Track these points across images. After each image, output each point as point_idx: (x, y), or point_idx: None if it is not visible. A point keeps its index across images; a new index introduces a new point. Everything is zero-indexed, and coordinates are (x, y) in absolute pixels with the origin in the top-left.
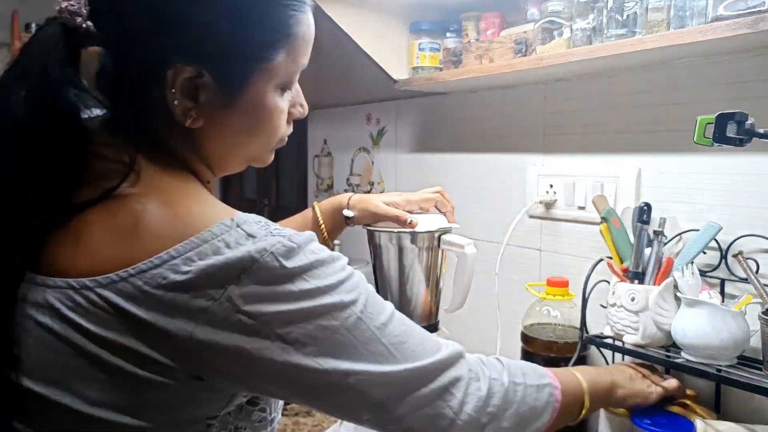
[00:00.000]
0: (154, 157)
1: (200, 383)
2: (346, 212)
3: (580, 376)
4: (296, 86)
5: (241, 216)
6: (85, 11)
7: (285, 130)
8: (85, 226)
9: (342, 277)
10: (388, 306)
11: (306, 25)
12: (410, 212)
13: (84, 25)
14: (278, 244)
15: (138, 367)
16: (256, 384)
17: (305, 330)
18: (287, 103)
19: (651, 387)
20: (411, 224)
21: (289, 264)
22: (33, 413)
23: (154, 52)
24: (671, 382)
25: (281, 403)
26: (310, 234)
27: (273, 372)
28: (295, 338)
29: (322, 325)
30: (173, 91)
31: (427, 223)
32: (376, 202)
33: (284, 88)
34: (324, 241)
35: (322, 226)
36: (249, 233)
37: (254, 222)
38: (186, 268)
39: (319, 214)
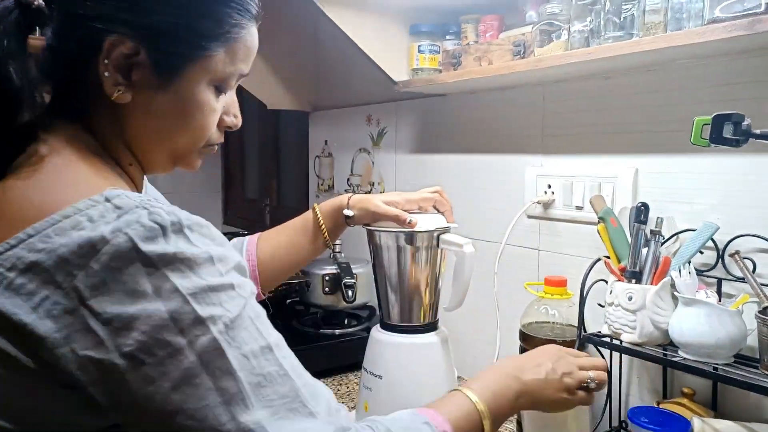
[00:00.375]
0: (74, 140)
1: (68, 392)
2: (346, 212)
3: (477, 400)
4: (233, 95)
5: (115, 191)
6: None
7: (215, 134)
8: None
9: (212, 283)
10: (273, 336)
11: (250, 33)
12: (409, 211)
13: (36, 3)
14: (136, 223)
15: (3, 366)
16: (102, 397)
17: (144, 341)
18: (220, 106)
19: (564, 386)
20: (410, 224)
21: (147, 248)
22: None
23: (97, 20)
24: (599, 374)
25: None
26: (196, 219)
27: (104, 380)
28: (130, 351)
29: (165, 340)
30: (106, 61)
31: (425, 222)
32: (376, 201)
33: (219, 88)
34: (325, 242)
35: (323, 226)
36: (117, 206)
37: (132, 197)
38: (40, 246)
39: (319, 215)
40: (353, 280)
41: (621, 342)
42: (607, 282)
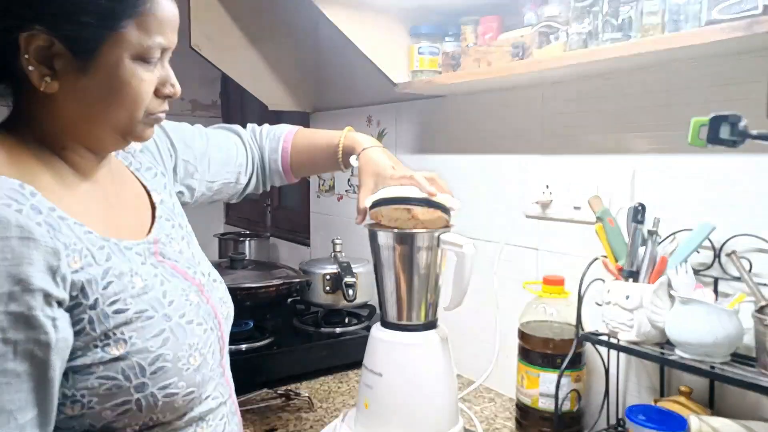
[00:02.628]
0: (14, 133)
1: None
2: (353, 161)
3: None
4: (166, 66)
5: None
6: None
7: (154, 103)
8: None
9: None
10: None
11: (157, 4)
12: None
13: None
14: None
15: None
16: None
17: None
18: (151, 76)
19: None
20: (359, 210)
21: None
22: None
23: (5, 20)
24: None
25: (165, 364)
26: None
27: None
28: None
29: None
30: (26, 56)
31: (385, 191)
32: (367, 172)
33: (143, 59)
34: (340, 167)
35: (340, 148)
36: None
37: None
38: None
39: (341, 143)
40: (354, 279)
41: (618, 341)
42: (604, 281)
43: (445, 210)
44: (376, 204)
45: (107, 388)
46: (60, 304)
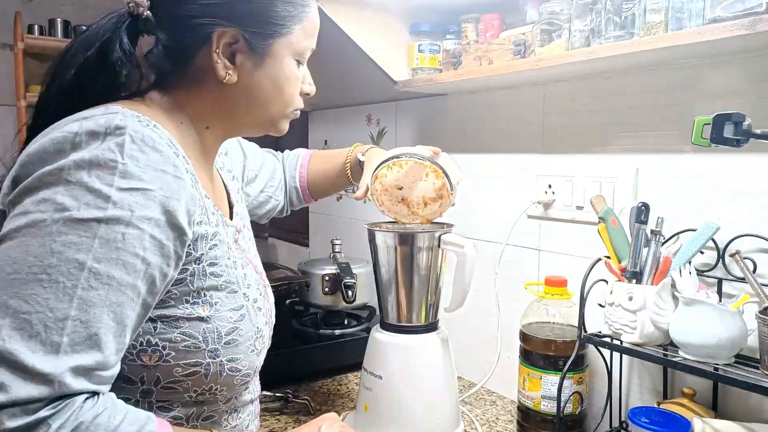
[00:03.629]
0: (168, 105)
1: None
2: (360, 156)
3: None
4: (305, 67)
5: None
6: (147, 2)
7: (298, 101)
8: None
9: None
10: (105, 267)
11: (314, 11)
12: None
13: (145, 14)
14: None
15: None
16: None
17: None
18: (301, 76)
19: None
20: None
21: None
22: None
23: (204, 18)
24: None
25: (240, 341)
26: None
27: None
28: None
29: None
30: (217, 50)
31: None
32: (370, 166)
33: (298, 61)
34: (349, 181)
35: (348, 173)
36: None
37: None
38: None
39: (348, 159)
40: (353, 281)
41: (621, 342)
42: (607, 282)
43: (448, 177)
44: (380, 165)
45: (186, 345)
46: (183, 245)
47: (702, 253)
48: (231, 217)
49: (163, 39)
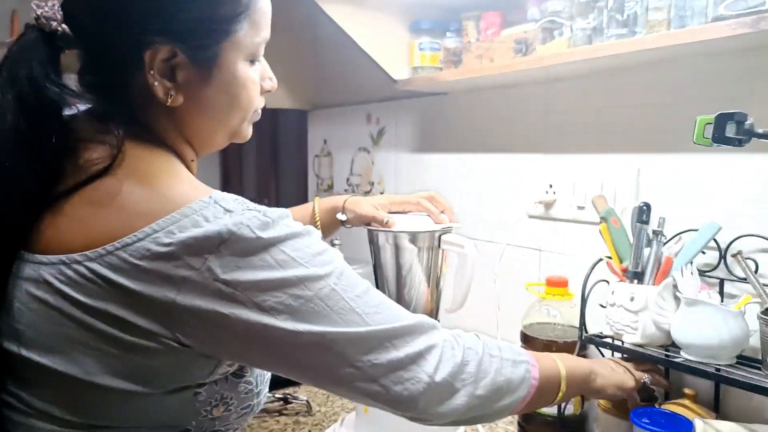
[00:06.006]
0: (139, 138)
1: (185, 350)
2: (340, 216)
3: (558, 361)
4: (263, 60)
5: (218, 194)
6: (59, 15)
7: (258, 101)
8: (72, 208)
9: (316, 250)
10: (364, 282)
11: None
12: (395, 212)
13: (59, 28)
14: (254, 218)
15: (127, 333)
16: (236, 350)
17: (280, 298)
18: (258, 75)
19: (629, 377)
20: (387, 224)
21: (265, 235)
22: (30, 379)
23: (130, 37)
24: (655, 377)
25: (268, 376)
26: (285, 210)
27: (250, 336)
28: (270, 305)
29: (296, 294)
30: (152, 72)
31: (404, 223)
32: (363, 204)
33: (252, 60)
34: None
35: (318, 221)
36: (226, 209)
37: (231, 199)
38: (167, 240)
39: (316, 210)
40: None
41: (623, 343)
42: (608, 282)
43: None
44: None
45: (246, 392)
46: None
47: (704, 253)
48: None
49: (86, 58)
